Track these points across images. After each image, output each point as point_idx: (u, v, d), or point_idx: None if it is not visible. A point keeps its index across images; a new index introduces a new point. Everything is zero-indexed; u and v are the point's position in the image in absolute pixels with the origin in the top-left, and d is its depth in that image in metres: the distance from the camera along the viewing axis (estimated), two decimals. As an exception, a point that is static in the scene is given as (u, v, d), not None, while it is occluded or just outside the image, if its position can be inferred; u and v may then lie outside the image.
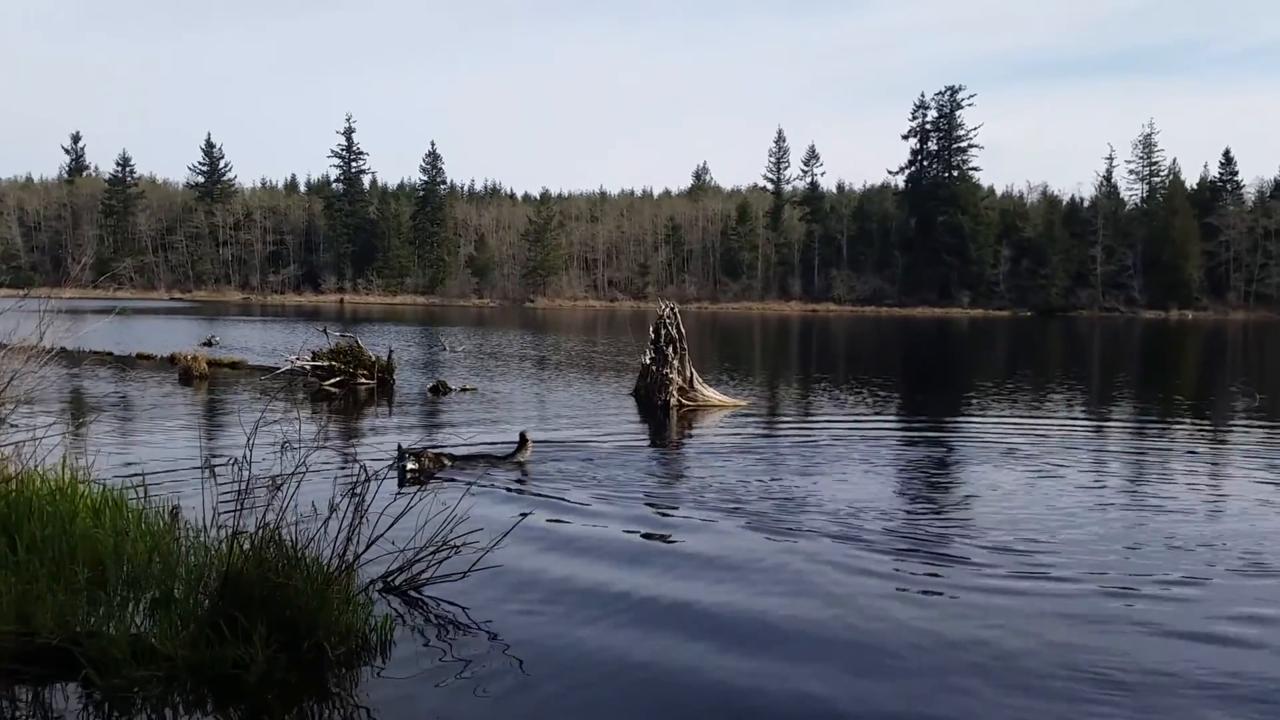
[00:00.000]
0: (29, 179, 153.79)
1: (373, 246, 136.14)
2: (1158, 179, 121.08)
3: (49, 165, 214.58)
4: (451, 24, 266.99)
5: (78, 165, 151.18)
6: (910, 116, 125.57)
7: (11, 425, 8.24)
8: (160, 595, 6.05)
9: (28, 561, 6.10)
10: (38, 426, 8.90)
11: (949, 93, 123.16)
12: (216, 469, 6.36)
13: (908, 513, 10.14)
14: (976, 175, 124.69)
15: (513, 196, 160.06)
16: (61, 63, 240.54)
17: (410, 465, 11.24)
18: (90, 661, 5.23)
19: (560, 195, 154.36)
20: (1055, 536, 9.05)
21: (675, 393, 19.19)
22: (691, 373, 19.67)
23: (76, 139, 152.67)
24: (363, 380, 21.96)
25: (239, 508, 6.04)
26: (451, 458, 12.07)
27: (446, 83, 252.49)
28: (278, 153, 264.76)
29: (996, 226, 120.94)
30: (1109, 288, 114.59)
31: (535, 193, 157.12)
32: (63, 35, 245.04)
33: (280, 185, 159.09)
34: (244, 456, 6.03)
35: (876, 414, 18.89)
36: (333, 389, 21.29)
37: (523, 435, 12.87)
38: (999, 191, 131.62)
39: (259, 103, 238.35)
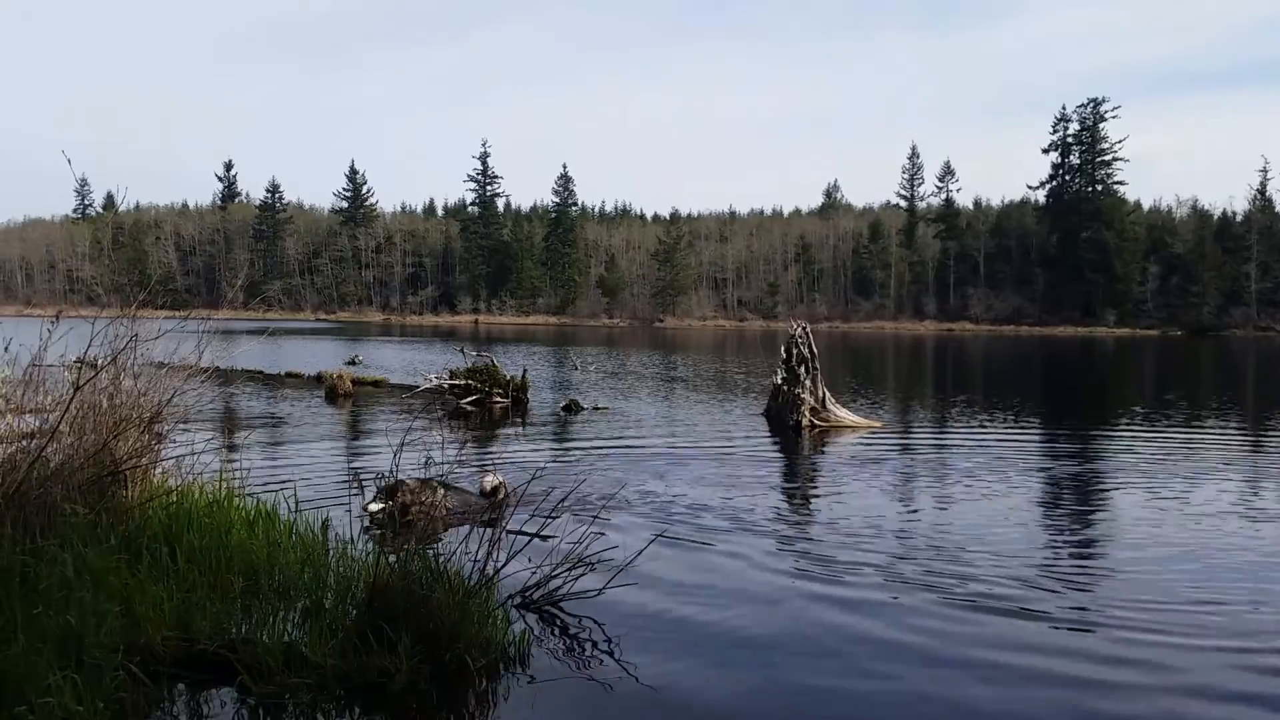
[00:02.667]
0: (184, 206, 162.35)
1: (506, 268, 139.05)
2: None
3: (204, 192, 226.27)
4: (580, 50, 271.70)
5: (230, 192, 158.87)
6: (1051, 129, 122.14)
7: (172, 440, 8.65)
8: (311, 605, 6.27)
9: (187, 570, 6.40)
10: (195, 442, 9.32)
11: (1091, 104, 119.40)
12: (364, 483, 6.54)
13: (1045, 559, 9.26)
14: (1121, 189, 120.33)
15: (642, 217, 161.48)
16: (215, 94, 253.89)
17: (374, 507, 8.87)
18: (246, 667, 5.44)
19: (689, 215, 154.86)
20: (1211, 586, 8.18)
21: (807, 413, 18.97)
22: (824, 393, 19.42)
23: (229, 167, 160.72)
24: (498, 399, 22.39)
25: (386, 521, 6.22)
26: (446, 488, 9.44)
27: (577, 106, 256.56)
28: (417, 178, 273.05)
29: (1143, 242, 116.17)
30: (1264, 306, 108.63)
31: (665, 213, 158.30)
32: (215, 69, 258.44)
33: (419, 209, 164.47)
34: (391, 472, 6.22)
35: (1015, 438, 18.29)
36: (469, 407, 21.77)
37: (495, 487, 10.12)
38: (1145, 206, 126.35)
39: (400, 130, 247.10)
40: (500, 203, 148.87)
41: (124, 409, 7.55)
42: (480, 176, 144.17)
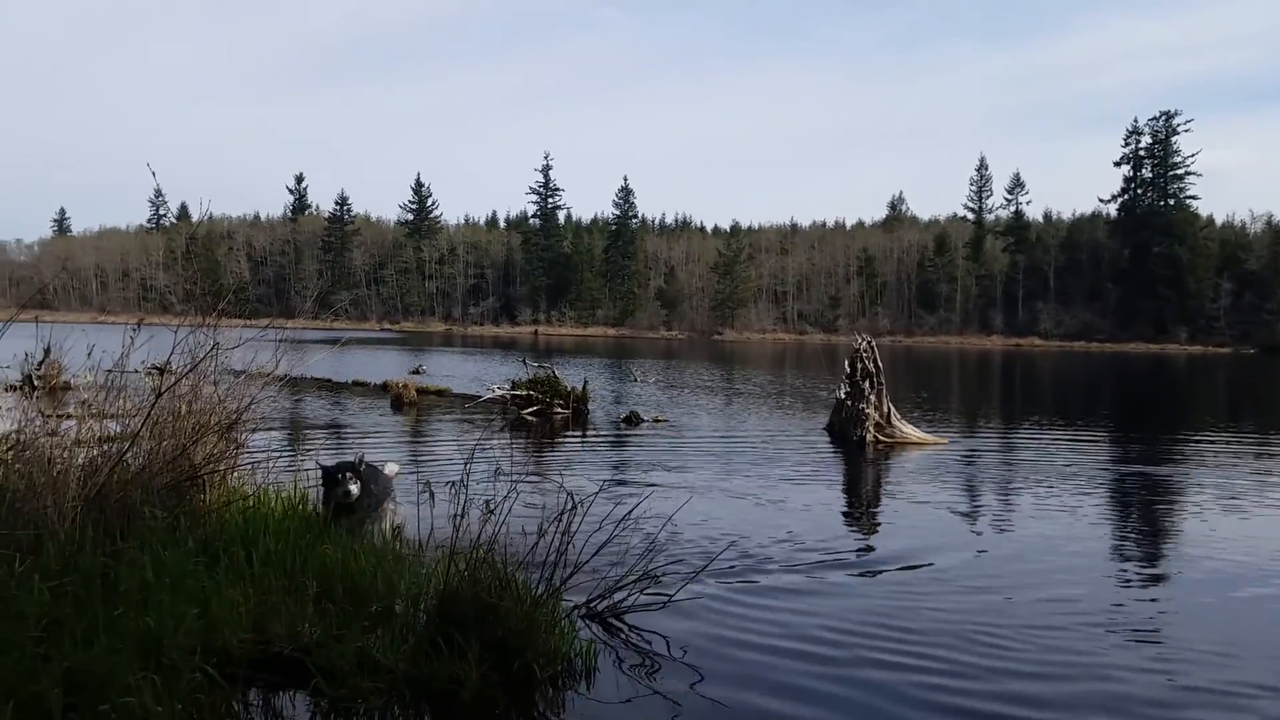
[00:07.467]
0: (257, 217, 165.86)
1: (566, 279, 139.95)
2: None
3: (275, 205, 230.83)
4: (643, 63, 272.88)
5: (300, 204, 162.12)
6: (1122, 142, 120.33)
7: (247, 446, 8.81)
8: (382, 610, 6.34)
9: (263, 574, 6.50)
10: (270, 448, 9.49)
11: (1164, 118, 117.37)
12: (434, 491, 6.61)
13: (1123, 604, 8.80)
14: (1194, 204, 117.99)
15: (702, 229, 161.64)
16: (287, 108, 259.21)
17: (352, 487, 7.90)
18: (320, 670, 5.52)
19: (750, 227, 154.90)
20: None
21: (872, 428, 18.79)
22: (889, 408, 19.21)
23: (300, 180, 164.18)
24: (559, 410, 22.50)
25: (455, 529, 6.29)
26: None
27: (639, 118, 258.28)
28: (480, 190, 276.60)
29: (1216, 258, 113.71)
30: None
31: (725, 225, 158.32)
32: (287, 85, 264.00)
33: (481, 221, 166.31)
34: (461, 480, 6.29)
35: (1087, 458, 17.92)
36: (530, 417, 21.90)
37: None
38: (1219, 221, 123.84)
39: (465, 143, 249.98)
40: (561, 215, 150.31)
41: (203, 415, 7.71)
42: (542, 189, 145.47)
